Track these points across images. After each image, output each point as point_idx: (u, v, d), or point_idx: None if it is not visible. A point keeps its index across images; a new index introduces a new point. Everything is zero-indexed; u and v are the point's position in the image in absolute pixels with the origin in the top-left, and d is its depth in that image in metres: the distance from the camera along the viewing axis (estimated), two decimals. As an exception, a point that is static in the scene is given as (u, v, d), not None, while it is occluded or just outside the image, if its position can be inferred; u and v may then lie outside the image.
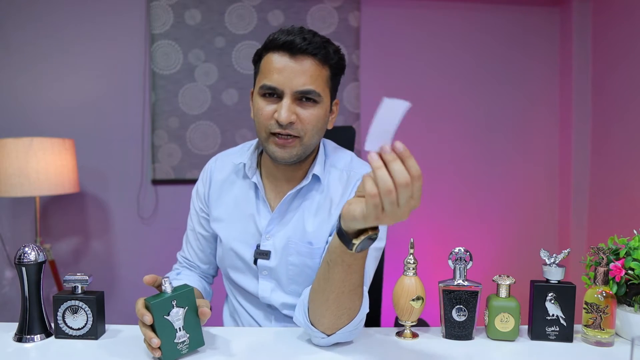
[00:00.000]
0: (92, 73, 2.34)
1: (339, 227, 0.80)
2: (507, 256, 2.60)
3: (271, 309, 1.16)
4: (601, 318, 0.95)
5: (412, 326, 1.02)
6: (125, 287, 2.40)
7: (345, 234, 0.79)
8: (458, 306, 0.99)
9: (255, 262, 1.11)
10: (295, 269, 1.10)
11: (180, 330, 0.87)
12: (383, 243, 1.08)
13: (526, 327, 1.02)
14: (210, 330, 1.03)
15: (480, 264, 1.55)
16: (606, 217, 2.37)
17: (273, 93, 1.01)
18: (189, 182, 2.39)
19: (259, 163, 1.16)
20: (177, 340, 0.87)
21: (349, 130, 1.49)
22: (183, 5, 2.35)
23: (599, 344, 0.96)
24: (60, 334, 0.97)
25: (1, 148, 1.91)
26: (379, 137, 0.72)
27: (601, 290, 0.95)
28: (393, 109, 0.73)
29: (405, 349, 0.96)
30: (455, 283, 0.99)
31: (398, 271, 1.04)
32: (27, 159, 1.90)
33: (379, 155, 0.70)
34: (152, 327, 0.87)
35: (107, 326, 1.03)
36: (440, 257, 1.31)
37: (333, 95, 1.09)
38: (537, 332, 0.99)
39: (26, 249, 0.96)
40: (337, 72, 1.07)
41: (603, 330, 0.95)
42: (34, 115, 2.30)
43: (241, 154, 1.18)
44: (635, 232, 1.03)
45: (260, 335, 1.03)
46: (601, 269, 0.96)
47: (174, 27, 2.35)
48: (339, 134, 1.41)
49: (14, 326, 0.99)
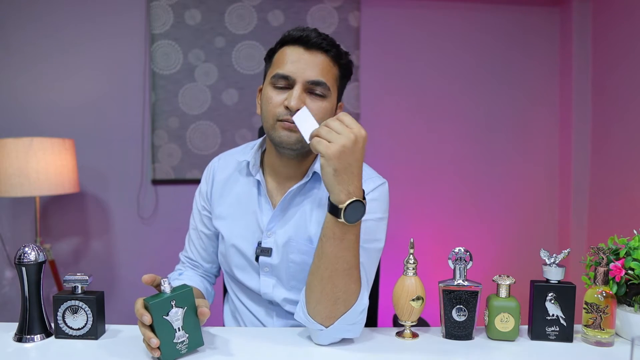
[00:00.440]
0: (92, 73, 2.34)
1: (329, 199, 0.90)
2: (507, 256, 2.60)
3: (273, 306, 1.16)
4: (601, 318, 0.95)
5: (412, 326, 1.02)
6: (125, 287, 2.40)
7: (333, 204, 0.88)
8: (458, 306, 0.99)
9: (256, 259, 1.12)
10: (296, 267, 1.11)
11: (179, 330, 0.87)
12: (382, 244, 1.09)
13: (526, 327, 1.02)
14: (210, 330, 1.03)
15: (480, 264, 1.54)
16: (606, 217, 2.37)
17: (284, 84, 1.04)
18: (189, 182, 2.39)
19: (262, 161, 1.17)
20: (176, 340, 0.87)
21: None
22: (183, 5, 2.35)
23: (599, 344, 0.96)
24: (60, 334, 0.97)
25: (1, 148, 1.91)
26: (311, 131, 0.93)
27: (601, 290, 0.95)
28: (304, 116, 0.95)
29: (405, 349, 0.96)
30: (455, 283, 0.99)
31: (398, 271, 1.04)
32: (27, 159, 1.90)
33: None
34: (151, 327, 0.87)
35: (107, 326, 1.03)
36: (440, 257, 1.31)
37: (339, 96, 1.12)
38: (537, 332, 0.99)
39: (26, 249, 0.96)
40: (346, 74, 1.11)
41: (603, 330, 0.95)
42: (34, 115, 2.30)
43: (244, 152, 1.20)
44: (635, 232, 1.03)
45: (260, 335, 1.03)
46: (601, 269, 0.96)
47: (174, 27, 2.35)
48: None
49: (14, 326, 0.99)
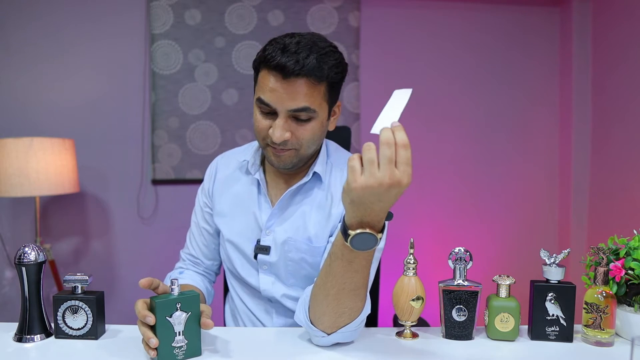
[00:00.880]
0: (92, 73, 2.34)
1: (342, 218, 0.82)
2: (507, 256, 2.60)
3: (272, 304, 1.17)
4: (601, 318, 0.95)
5: (412, 326, 1.02)
6: (125, 287, 2.40)
7: (345, 225, 0.80)
8: (458, 306, 0.99)
9: (255, 257, 1.13)
10: (295, 265, 1.11)
11: (179, 334, 0.87)
12: (383, 243, 1.08)
13: (526, 327, 1.02)
14: (210, 331, 1.03)
15: (480, 264, 1.55)
16: (606, 217, 2.37)
17: (268, 110, 1.01)
18: (189, 182, 2.39)
19: (262, 161, 1.18)
20: (175, 344, 0.86)
21: (345, 130, 1.52)
22: (183, 5, 2.35)
23: (599, 344, 0.96)
24: (60, 334, 0.97)
25: (1, 148, 1.91)
26: (384, 123, 0.78)
27: (601, 290, 0.95)
28: (400, 98, 0.81)
29: (405, 349, 0.96)
30: (455, 283, 0.99)
31: (398, 271, 1.04)
32: (27, 159, 1.90)
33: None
34: (152, 327, 0.86)
35: (107, 326, 1.03)
36: (440, 257, 1.31)
37: (333, 102, 1.07)
38: (537, 332, 0.99)
39: (26, 249, 0.96)
40: (336, 83, 1.05)
41: (603, 330, 0.95)
42: (34, 115, 2.30)
43: (246, 151, 1.22)
44: (635, 232, 1.03)
45: (260, 336, 1.03)
46: (601, 269, 0.96)
47: (174, 27, 2.35)
48: (335, 134, 1.42)
49: (14, 326, 0.99)
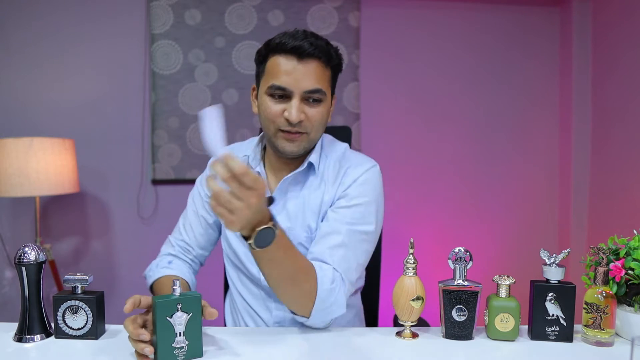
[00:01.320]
0: (92, 73, 2.34)
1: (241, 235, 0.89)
2: (507, 256, 2.60)
3: (271, 298, 1.18)
4: (601, 318, 0.95)
5: (412, 326, 1.02)
6: (125, 287, 2.40)
7: (242, 236, 0.88)
8: (458, 306, 0.99)
9: None
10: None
11: (180, 335, 0.86)
12: (371, 227, 1.11)
13: (526, 327, 1.02)
14: (210, 331, 1.03)
15: (480, 264, 1.54)
16: (606, 217, 2.37)
17: (281, 94, 1.07)
18: (189, 182, 2.39)
19: (263, 156, 1.22)
20: (175, 345, 0.86)
21: (345, 130, 1.53)
22: (183, 5, 2.35)
23: (599, 344, 0.96)
24: (60, 334, 0.97)
25: (1, 148, 1.90)
26: (214, 146, 0.78)
27: (601, 290, 0.95)
28: (211, 118, 0.78)
29: (405, 349, 0.96)
30: (455, 283, 0.99)
31: (398, 271, 1.04)
32: (27, 159, 1.90)
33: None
34: (153, 328, 0.86)
35: (107, 326, 1.03)
36: (440, 257, 1.31)
37: (333, 92, 1.17)
38: (537, 332, 0.99)
39: (26, 249, 0.96)
40: (337, 71, 1.16)
41: (603, 330, 0.95)
42: (34, 115, 2.30)
43: (245, 147, 1.26)
44: (635, 232, 1.03)
45: (261, 336, 1.03)
46: (601, 269, 0.96)
47: (174, 27, 2.35)
48: (335, 134, 1.43)
49: (14, 326, 0.99)
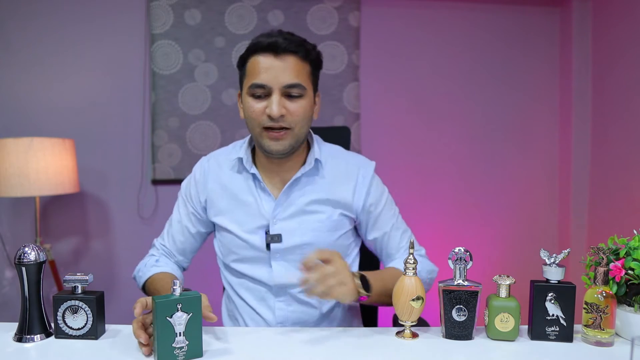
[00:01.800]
0: (92, 73, 2.34)
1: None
2: (507, 256, 2.60)
3: (275, 298, 1.18)
4: (601, 318, 0.95)
5: (412, 326, 1.02)
6: (125, 287, 2.40)
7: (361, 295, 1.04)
8: (458, 306, 0.99)
9: (268, 247, 1.16)
10: (309, 247, 1.15)
11: (180, 335, 0.86)
12: (393, 200, 1.27)
13: (526, 327, 1.02)
14: (211, 331, 1.03)
15: (480, 264, 1.54)
16: (606, 217, 2.37)
17: (261, 92, 1.09)
18: (189, 182, 2.39)
19: (254, 158, 1.22)
20: (175, 345, 0.86)
21: (345, 130, 1.53)
22: (183, 5, 2.35)
23: (599, 344, 0.96)
24: (60, 334, 0.97)
25: (1, 148, 1.90)
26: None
27: (601, 290, 0.95)
28: None
29: (405, 349, 0.96)
30: (455, 283, 0.99)
31: (398, 271, 1.04)
32: (27, 159, 1.90)
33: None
34: (153, 328, 0.86)
35: (107, 326, 1.03)
36: (440, 257, 1.31)
37: (315, 88, 1.17)
38: (537, 332, 0.99)
39: (26, 249, 0.96)
40: (317, 67, 1.18)
41: (603, 330, 0.95)
42: (34, 115, 2.30)
43: (235, 150, 1.24)
44: (635, 232, 1.03)
45: (260, 336, 1.03)
46: (601, 269, 0.96)
47: (174, 27, 2.35)
48: (335, 134, 1.43)
49: (14, 326, 0.99)
